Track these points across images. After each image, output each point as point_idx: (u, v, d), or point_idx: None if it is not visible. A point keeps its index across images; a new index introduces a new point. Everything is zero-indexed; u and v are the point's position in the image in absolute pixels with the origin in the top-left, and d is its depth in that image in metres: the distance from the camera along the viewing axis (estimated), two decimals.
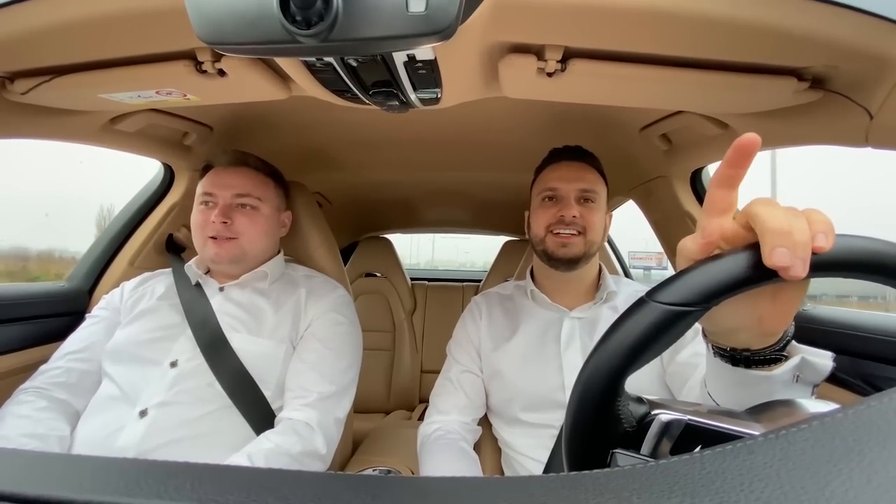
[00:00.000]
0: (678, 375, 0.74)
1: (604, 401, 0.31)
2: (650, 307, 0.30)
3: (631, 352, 0.30)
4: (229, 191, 0.86)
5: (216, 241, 0.84)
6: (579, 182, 0.84)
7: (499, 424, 0.87)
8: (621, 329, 0.30)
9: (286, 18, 0.32)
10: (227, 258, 0.86)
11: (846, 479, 0.15)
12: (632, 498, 0.17)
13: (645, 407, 0.33)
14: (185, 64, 0.59)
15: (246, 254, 0.87)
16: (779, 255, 0.28)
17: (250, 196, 0.88)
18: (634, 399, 0.33)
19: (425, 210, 2.00)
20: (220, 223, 0.83)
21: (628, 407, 0.32)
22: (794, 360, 0.38)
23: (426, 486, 0.20)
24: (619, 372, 0.30)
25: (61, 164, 11.79)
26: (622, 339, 0.30)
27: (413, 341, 2.00)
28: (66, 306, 1.03)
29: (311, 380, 0.80)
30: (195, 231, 0.87)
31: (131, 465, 0.23)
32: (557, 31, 0.51)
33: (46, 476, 0.21)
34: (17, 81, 0.65)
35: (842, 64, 0.52)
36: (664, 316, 0.29)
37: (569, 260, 0.82)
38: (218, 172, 0.88)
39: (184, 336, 0.80)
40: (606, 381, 0.30)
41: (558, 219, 0.82)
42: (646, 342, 0.29)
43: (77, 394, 0.78)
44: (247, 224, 0.87)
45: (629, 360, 0.30)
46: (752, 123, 0.73)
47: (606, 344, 0.31)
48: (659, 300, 0.29)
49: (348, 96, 0.60)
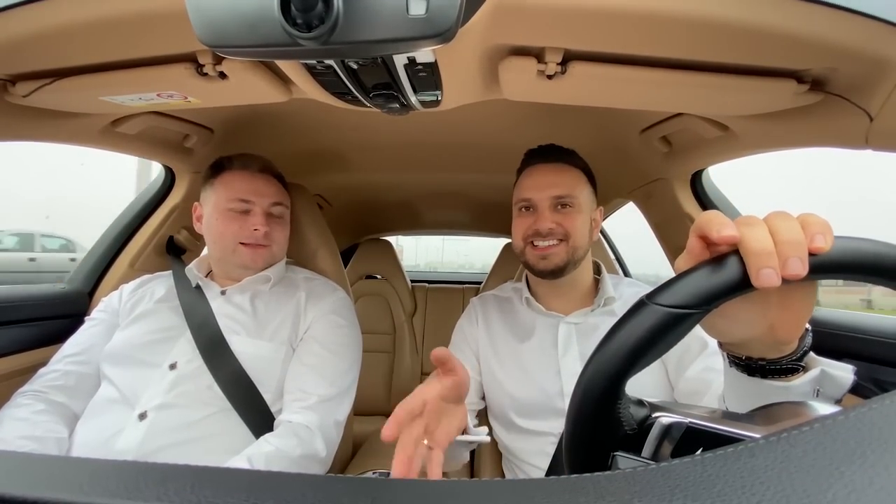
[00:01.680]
0: (690, 392, 0.72)
1: (605, 403, 0.31)
2: (650, 309, 0.30)
3: (631, 354, 0.30)
4: (267, 199, 0.88)
5: (250, 247, 0.85)
6: (552, 189, 0.80)
7: (498, 429, 0.86)
8: (621, 332, 0.30)
9: (287, 21, 0.33)
10: (262, 264, 0.88)
11: (848, 481, 0.15)
12: (633, 501, 0.17)
13: (646, 410, 0.33)
14: (186, 66, 0.59)
15: (275, 259, 0.91)
16: (764, 277, 0.28)
17: (282, 205, 0.91)
18: (635, 402, 0.33)
19: (425, 212, 2.00)
20: (262, 231, 0.85)
21: (629, 410, 0.32)
22: (812, 373, 0.38)
23: (425, 489, 0.20)
24: (620, 374, 0.30)
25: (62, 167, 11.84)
26: (622, 342, 0.30)
27: (413, 343, 1.99)
28: (67, 308, 1.03)
29: (311, 382, 0.80)
30: (224, 236, 0.85)
31: (131, 468, 0.22)
32: (557, 33, 0.51)
33: (46, 479, 0.21)
34: (19, 84, 0.65)
35: (841, 66, 0.52)
36: (664, 318, 0.29)
37: (551, 271, 0.80)
38: (248, 178, 0.88)
39: (183, 338, 0.80)
40: (607, 384, 0.30)
41: (534, 231, 0.80)
42: (646, 345, 0.29)
43: (75, 397, 0.78)
44: (280, 232, 0.91)
45: (630, 363, 0.30)
46: (752, 125, 0.73)
47: (607, 346, 0.31)
48: (659, 302, 0.29)
49: (349, 99, 0.60)
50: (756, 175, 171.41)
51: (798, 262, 0.28)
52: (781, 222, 0.30)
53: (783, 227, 0.30)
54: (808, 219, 0.30)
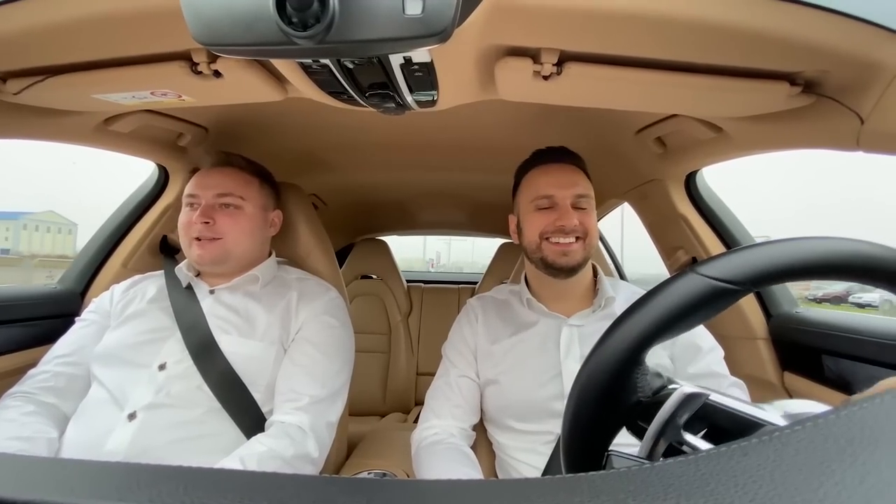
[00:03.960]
0: None
1: (624, 367, 0.30)
2: (692, 279, 0.29)
3: (663, 320, 0.29)
4: (211, 191, 0.86)
5: (200, 242, 0.84)
6: (574, 187, 0.83)
7: (493, 429, 0.86)
8: (659, 295, 0.29)
9: (282, 20, 0.32)
10: (210, 259, 0.85)
11: (839, 480, 0.16)
12: (627, 500, 0.17)
13: (662, 380, 0.32)
14: (181, 65, 0.58)
15: (230, 254, 0.87)
16: None
17: (232, 195, 0.87)
18: (654, 372, 0.32)
19: (421, 212, 2.00)
20: (202, 223, 0.83)
21: (646, 377, 0.31)
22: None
23: (421, 489, 0.20)
24: (648, 338, 0.29)
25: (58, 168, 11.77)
26: (657, 305, 0.29)
27: (409, 343, 1.99)
28: (58, 308, 1.02)
29: (303, 383, 0.80)
30: (181, 233, 0.87)
31: (123, 469, 0.22)
32: (553, 34, 0.51)
33: (37, 480, 0.21)
34: (10, 81, 0.64)
35: (833, 69, 0.53)
36: (705, 290, 0.28)
37: (571, 268, 0.81)
38: (202, 174, 0.88)
39: (173, 339, 0.80)
40: (633, 346, 0.29)
41: (557, 227, 0.81)
42: (680, 313, 0.28)
43: (65, 398, 0.77)
44: (229, 224, 0.86)
45: (659, 328, 0.29)
46: (745, 127, 0.74)
47: (640, 310, 0.30)
48: (704, 273, 0.29)
49: (344, 98, 0.60)
50: (751, 171, 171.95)
51: None
52: None
53: None
54: None
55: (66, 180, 39.26)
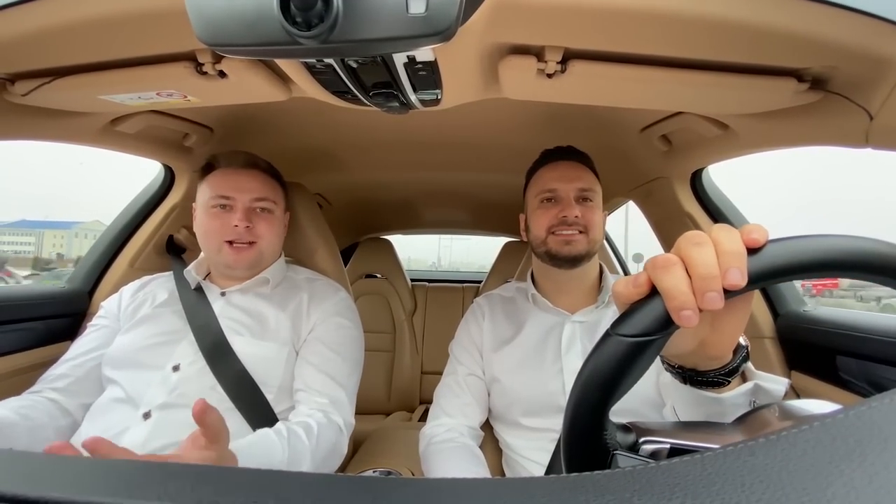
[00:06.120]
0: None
1: (591, 435, 0.31)
2: (615, 340, 0.30)
3: (606, 386, 0.30)
4: (248, 195, 0.85)
5: (234, 246, 0.84)
6: (578, 181, 0.84)
7: (500, 427, 0.87)
8: (592, 365, 0.31)
9: (286, 20, 0.32)
10: (246, 264, 0.85)
11: (847, 480, 0.15)
12: (632, 499, 0.17)
13: (633, 436, 0.33)
14: (186, 65, 0.59)
15: (263, 258, 0.88)
16: (685, 318, 0.28)
17: (267, 199, 0.88)
18: (621, 428, 0.33)
19: (425, 211, 2.00)
20: (244, 228, 0.83)
21: (616, 438, 0.32)
22: (746, 386, 0.39)
23: (427, 488, 0.20)
24: (601, 406, 0.30)
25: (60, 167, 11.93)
26: (596, 374, 0.30)
27: (413, 342, 1.99)
28: (67, 308, 1.03)
29: (322, 383, 0.81)
30: (207, 235, 0.85)
31: (132, 467, 0.22)
32: (557, 32, 0.51)
33: (47, 477, 0.21)
34: (18, 83, 0.65)
35: (841, 65, 0.52)
36: (630, 347, 0.30)
37: (573, 258, 0.82)
38: (231, 174, 0.87)
39: (186, 340, 0.80)
40: (590, 417, 0.31)
41: (560, 220, 0.82)
42: (617, 374, 0.30)
43: (77, 400, 0.78)
44: (266, 228, 0.87)
45: (607, 393, 0.30)
46: (751, 124, 0.73)
47: (583, 380, 0.31)
48: (622, 333, 0.30)
49: (349, 97, 0.60)
50: (758, 174, 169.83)
51: (715, 296, 0.28)
52: (697, 255, 0.30)
53: (699, 261, 0.29)
54: (723, 246, 0.29)
55: (111, 191, 41.18)
